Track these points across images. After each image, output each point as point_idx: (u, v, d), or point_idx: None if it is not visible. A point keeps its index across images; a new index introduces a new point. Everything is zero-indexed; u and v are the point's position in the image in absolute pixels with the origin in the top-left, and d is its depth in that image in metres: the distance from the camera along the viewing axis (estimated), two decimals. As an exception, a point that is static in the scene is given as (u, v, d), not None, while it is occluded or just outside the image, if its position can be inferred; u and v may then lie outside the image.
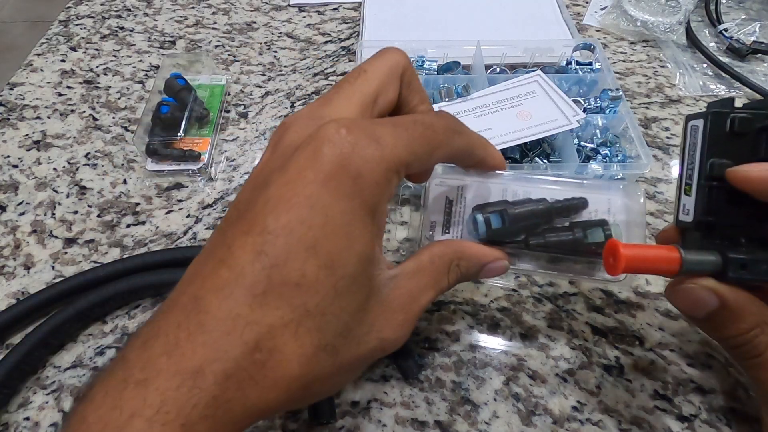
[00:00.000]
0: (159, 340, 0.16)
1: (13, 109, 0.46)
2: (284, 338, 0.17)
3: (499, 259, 0.24)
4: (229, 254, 0.17)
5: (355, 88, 0.21)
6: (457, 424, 0.28)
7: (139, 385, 0.16)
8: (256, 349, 0.16)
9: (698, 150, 0.23)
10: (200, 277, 0.17)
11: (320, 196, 0.17)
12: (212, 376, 0.16)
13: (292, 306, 0.17)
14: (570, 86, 0.44)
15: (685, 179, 0.24)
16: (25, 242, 0.37)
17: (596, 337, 0.32)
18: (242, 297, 0.16)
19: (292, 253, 0.17)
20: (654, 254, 0.22)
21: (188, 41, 0.53)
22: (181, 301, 0.17)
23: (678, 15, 0.52)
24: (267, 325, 0.16)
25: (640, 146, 0.37)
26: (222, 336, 0.16)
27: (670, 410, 0.29)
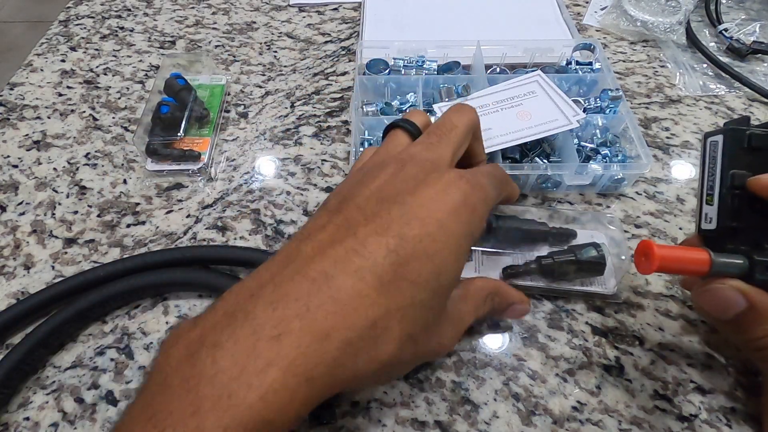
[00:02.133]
0: (290, 304, 0.19)
1: (13, 109, 0.46)
2: (394, 321, 0.20)
3: (524, 302, 0.29)
4: (362, 247, 0.20)
5: (450, 138, 0.27)
6: (457, 424, 0.28)
7: (272, 340, 0.18)
8: (374, 326, 0.20)
9: (719, 163, 0.25)
10: (329, 258, 0.20)
11: (447, 221, 0.22)
12: (337, 342, 0.19)
13: (405, 297, 0.20)
14: (570, 86, 0.44)
15: (707, 190, 0.26)
16: (25, 242, 0.37)
17: (596, 337, 0.32)
18: (372, 282, 0.20)
19: (416, 257, 0.21)
20: (685, 255, 0.24)
21: (188, 41, 0.53)
22: (310, 275, 0.20)
23: (678, 15, 0.52)
24: (386, 308, 0.20)
25: (640, 146, 0.37)
26: (351, 310, 0.19)
27: (670, 410, 0.29)
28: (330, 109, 0.46)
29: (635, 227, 0.37)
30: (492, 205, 0.25)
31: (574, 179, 0.37)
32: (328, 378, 0.19)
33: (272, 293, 0.20)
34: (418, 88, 0.42)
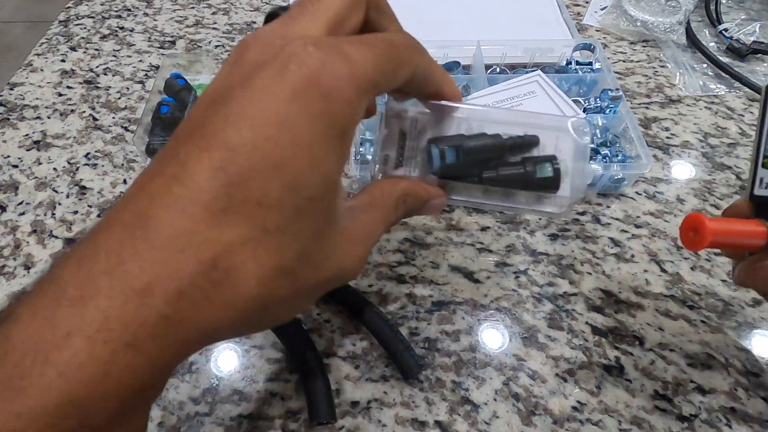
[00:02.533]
0: (98, 258, 0.15)
1: (13, 109, 0.46)
2: (243, 257, 0.16)
3: (439, 196, 0.25)
4: (182, 170, 0.16)
5: (319, 6, 0.20)
6: (457, 424, 0.28)
7: (75, 303, 0.15)
8: (213, 268, 0.16)
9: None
10: (146, 193, 0.16)
11: (288, 114, 0.16)
12: (163, 295, 0.15)
13: (253, 224, 0.16)
14: (570, 86, 0.44)
15: (764, 152, 0.23)
16: (25, 242, 0.37)
17: (596, 337, 0.32)
18: (199, 214, 0.16)
19: (255, 171, 0.16)
20: (740, 228, 0.22)
21: (188, 41, 0.53)
22: (124, 219, 0.16)
23: (678, 15, 0.52)
24: (225, 243, 0.16)
25: (640, 146, 0.37)
26: (175, 253, 0.15)
27: (670, 410, 0.29)
28: (330, 109, 0.46)
29: (635, 227, 0.37)
30: (374, 87, 0.19)
31: (574, 179, 0.37)
32: (162, 340, 0.15)
33: (82, 248, 0.16)
34: (418, 88, 0.42)
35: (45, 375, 0.14)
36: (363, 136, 0.40)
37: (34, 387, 0.14)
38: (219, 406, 0.29)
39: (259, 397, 0.29)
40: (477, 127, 0.27)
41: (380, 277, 0.34)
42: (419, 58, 0.21)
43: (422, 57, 0.22)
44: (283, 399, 0.29)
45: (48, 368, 0.14)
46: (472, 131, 0.27)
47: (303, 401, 0.29)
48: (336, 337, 0.32)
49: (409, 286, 0.34)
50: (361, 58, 0.18)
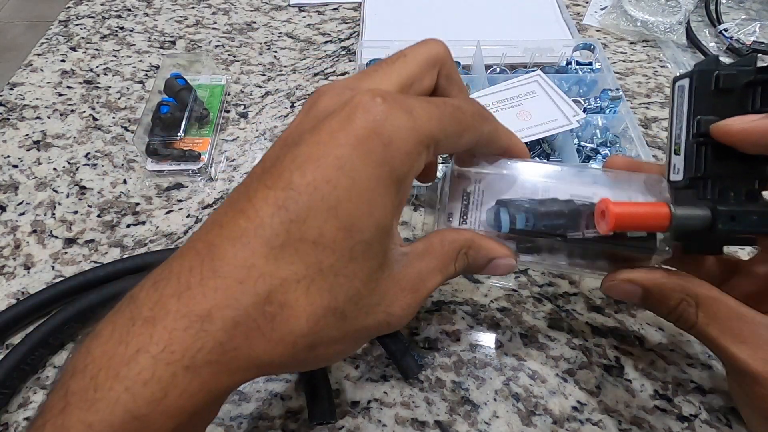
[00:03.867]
0: (170, 282, 0.16)
1: (13, 109, 0.46)
2: (296, 294, 0.17)
3: (508, 256, 0.24)
4: (249, 206, 0.17)
5: (393, 68, 0.21)
6: (457, 424, 0.28)
7: (146, 323, 0.16)
8: (267, 301, 0.16)
9: (685, 109, 0.23)
10: (218, 225, 0.17)
11: (350, 158, 0.17)
12: (221, 322, 0.16)
13: (307, 263, 0.17)
14: (570, 86, 0.44)
15: (674, 139, 0.24)
16: (25, 242, 0.37)
17: (596, 337, 0.32)
18: (259, 248, 0.16)
19: (313, 211, 0.17)
20: (644, 210, 0.22)
21: (188, 41, 0.53)
22: (197, 247, 0.17)
23: (678, 15, 0.52)
24: (280, 279, 0.17)
25: (640, 146, 0.37)
26: (234, 284, 0.16)
27: (670, 410, 0.29)
28: (330, 109, 0.46)
29: (635, 227, 0.37)
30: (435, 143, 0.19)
31: (574, 179, 0.37)
32: (217, 366, 0.16)
33: (159, 271, 0.17)
34: (418, 88, 0.42)
35: (114, 389, 0.15)
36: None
37: (104, 400, 0.15)
38: (219, 406, 0.29)
39: (259, 397, 0.29)
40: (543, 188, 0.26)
41: (380, 277, 0.34)
42: (485, 125, 0.22)
43: (488, 124, 0.23)
44: (283, 399, 0.29)
45: (117, 383, 0.15)
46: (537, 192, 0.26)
47: (303, 401, 0.29)
48: (336, 337, 0.32)
49: (409, 286, 0.34)
50: (425, 115, 0.19)
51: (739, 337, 0.21)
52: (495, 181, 0.27)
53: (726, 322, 0.22)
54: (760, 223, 0.22)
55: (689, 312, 0.23)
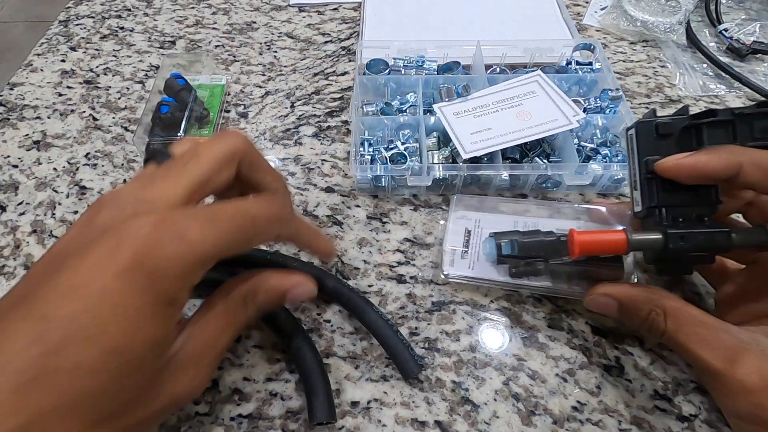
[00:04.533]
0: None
1: (13, 109, 0.46)
2: (54, 422, 0.17)
3: (301, 283, 0.25)
4: (3, 338, 0.17)
5: (184, 171, 0.21)
6: (457, 424, 0.28)
7: None
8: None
9: (635, 152, 0.28)
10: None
11: (112, 288, 0.18)
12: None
13: (63, 391, 0.17)
14: (570, 86, 0.44)
15: (632, 178, 0.28)
16: (25, 242, 0.37)
17: (596, 337, 0.32)
18: (7, 384, 0.16)
19: (70, 340, 0.17)
20: (604, 238, 0.26)
21: (188, 41, 0.53)
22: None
23: (678, 15, 0.52)
24: (35, 413, 0.16)
25: (640, 146, 0.37)
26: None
27: (670, 410, 0.29)
28: (330, 109, 0.46)
29: (635, 227, 0.37)
30: (211, 260, 0.20)
31: (574, 179, 0.37)
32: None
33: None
34: (418, 88, 0.42)
35: None
36: (363, 136, 0.40)
37: None
38: (219, 406, 0.29)
39: (259, 397, 0.29)
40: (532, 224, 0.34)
41: (380, 277, 0.34)
42: (282, 229, 0.23)
43: (286, 228, 0.24)
44: (283, 399, 0.29)
45: None
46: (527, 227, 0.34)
47: (303, 401, 0.29)
48: (336, 337, 0.32)
49: (409, 286, 0.34)
50: (200, 237, 0.19)
51: (703, 341, 0.24)
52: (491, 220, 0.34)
53: (691, 329, 0.25)
54: (706, 241, 0.26)
55: (658, 321, 0.26)
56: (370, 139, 0.40)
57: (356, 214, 0.38)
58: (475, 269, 0.33)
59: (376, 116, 0.41)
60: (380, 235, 0.37)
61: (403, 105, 0.43)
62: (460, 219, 0.35)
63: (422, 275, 0.35)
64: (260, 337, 0.32)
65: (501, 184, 0.39)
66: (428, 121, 0.40)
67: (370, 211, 0.38)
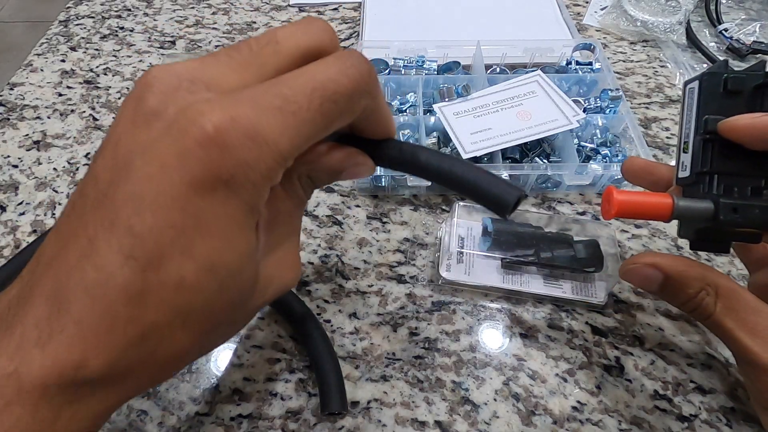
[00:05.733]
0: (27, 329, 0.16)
1: (13, 109, 0.46)
2: (170, 331, 0.17)
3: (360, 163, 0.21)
4: (93, 251, 0.16)
5: (257, 58, 0.17)
6: (457, 424, 0.28)
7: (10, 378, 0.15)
8: (143, 341, 0.16)
9: (694, 109, 0.24)
10: (62, 267, 0.16)
11: (189, 201, 0.15)
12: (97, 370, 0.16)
13: (174, 307, 0.16)
14: (570, 86, 0.44)
15: (683, 138, 0.25)
16: (25, 242, 0.37)
17: (596, 337, 0.32)
18: (117, 296, 0.15)
19: (165, 258, 0.16)
20: (647, 200, 0.23)
21: (188, 41, 0.53)
22: (46, 290, 0.16)
23: (678, 15, 0.52)
24: (150, 323, 0.16)
25: (640, 146, 0.37)
26: (103, 332, 0.16)
27: (670, 410, 0.29)
28: (330, 109, 0.46)
29: (635, 227, 0.37)
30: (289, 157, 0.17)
31: (574, 179, 0.37)
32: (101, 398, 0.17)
33: (13, 315, 0.16)
34: (418, 88, 0.42)
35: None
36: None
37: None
38: (219, 406, 0.29)
39: (259, 397, 0.29)
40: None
41: (380, 277, 0.34)
42: (365, 102, 0.18)
43: (370, 101, 0.18)
44: (283, 399, 0.29)
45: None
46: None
47: (303, 401, 0.29)
48: (336, 337, 0.32)
49: (409, 286, 0.34)
50: (276, 135, 0.16)
51: (754, 330, 0.22)
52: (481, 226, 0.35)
53: (743, 315, 0.23)
54: (762, 216, 0.22)
55: (708, 302, 0.24)
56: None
57: (356, 214, 0.38)
58: (471, 275, 0.33)
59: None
60: (380, 235, 0.37)
61: (403, 105, 0.43)
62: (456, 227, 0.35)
63: (422, 275, 0.35)
64: (260, 337, 0.32)
65: (501, 184, 0.38)
66: (428, 121, 0.40)
67: (370, 211, 0.38)
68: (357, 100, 0.17)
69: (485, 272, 0.33)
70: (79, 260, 0.16)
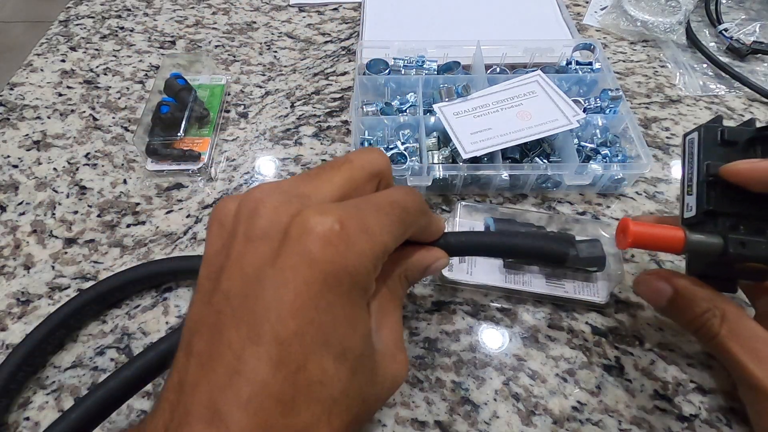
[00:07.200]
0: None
1: (13, 109, 0.46)
2: (317, 428, 0.17)
3: (439, 258, 0.25)
4: (241, 364, 0.17)
5: (338, 172, 0.21)
6: (457, 424, 0.28)
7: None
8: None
9: (695, 157, 0.27)
10: (213, 386, 0.17)
11: (323, 296, 0.17)
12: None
13: (321, 401, 0.17)
14: (570, 86, 0.44)
15: (687, 183, 0.27)
16: (25, 242, 0.37)
17: (596, 337, 0.32)
18: (272, 407, 0.16)
19: (309, 355, 0.17)
20: (660, 232, 0.25)
21: (188, 41, 0.53)
22: (200, 413, 0.16)
23: (678, 15, 0.52)
24: (303, 427, 0.17)
25: (640, 146, 0.37)
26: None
27: (670, 410, 0.29)
28: (330, 109, 0.46)
29: (635, 227, 0.37)
30: (388, 252, 0.20)
31: (574, 179, 0.37)
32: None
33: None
34: (418, 88, 0.42)
35: None
36: (363, 136, 0.40)
37: None
38: (219, 406, 0.29)
39: (259, 397, 0.29)
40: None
41: (380, 277, 0.34)
42: (424, 219, 0.23)
43: (426, 218, 0.23)
44: (283, 399, 0.29)
45: None
46: None
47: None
48: (336, 337, 0.32)
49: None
50: (380, 229, 0.19)
51: (759, 357, 0.23)
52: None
53: (747, 341, 0.24)
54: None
55: (713, 323, 0.25)
56: (370, 139, 0.40)
57: (356, 214, 0.38)
58: (474, 274, 0.33)
59: (376, 116, 0.41)
60: (380, 235, 0.37)
61: (403, 105, 0.43)
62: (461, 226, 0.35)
63: (422, 275, 0.35)
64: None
65: (501, 184, 0.39)
66: (428, 121, 0.40)
67: (370, 211, 0.38)
68: (420, 215, 0.22)
69: (487, 272, 0.33)
70: (231, 377, 0.16)
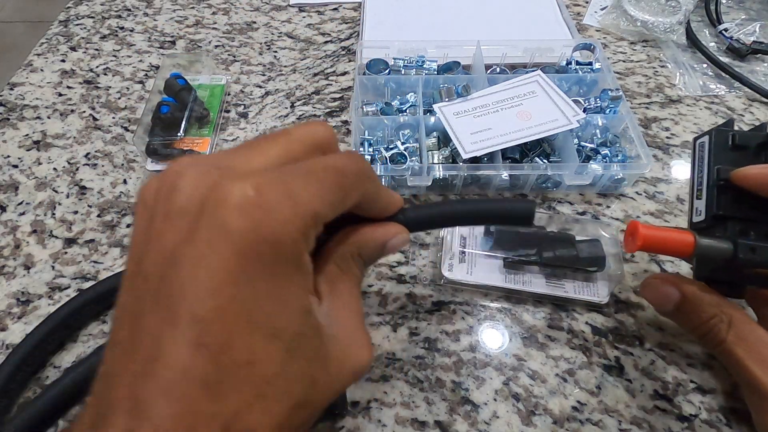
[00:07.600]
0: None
1: (13, 109, 0.46)
2: (254, 416, 0.16)
3: (398, 233, 0.23)
4: (159, 351, 0.15)
5: (274, 144, 0.19)
6: (457, 424, 0.28)
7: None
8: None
9: (706, 161, 0.27)
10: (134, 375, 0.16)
11: (242, 270, 0.16)
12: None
13: (252, 384, 0.16)
14: (570, 86, 0.44)
15: (696, 187, 0.27)
16: (25, 242, 0.37)
17: (596, 337, 0.32)
18: (195, 393, 0.15)
19: (233, 335, 0.16)
20: (670, 236, 0.24)
21: (188, 41, 0.53)
22: (119, 403, 0.15)
23: (678, 15, 0.52)
24: (232, 412, 0.16)
25: (640, 146, 0.37)
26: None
27: (670, 410, 0.29)
28: (330, 109, 0.46)
29: (635, 227, 0.37)
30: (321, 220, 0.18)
31: (574, 179, 0.37)
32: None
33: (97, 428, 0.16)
34: (418, 88, 0.42)
35: None
36: (363, 136, 0.40)
37: None
38: (219, 406, 0.29)
39: (259, 397, 0.29)
40: None
41: (380, 277, 0.34)
42: (369, 185, 0.21)
43: (372, 183, 0.21)
44: (283, 399, 0.29)
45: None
46: None
47: (303, 401, 0.29)
48: (336, 337, 0.32)
49: (409, 286, 0.34)
50: (307, 195, 0.17)
51: (765, 363, 0.23)
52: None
53: (754, 346, 0.24)
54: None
55: (720, 328, 0.25)
56: (370, 139, 0.40)
57: (356, 214, 0.38)
58: (474, 274, 0.33)
59: (376, 116, 0.41)
60: (380, 235, 0.37)
61: (403, 105, 0.43)
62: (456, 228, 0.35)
63: (422, 275, 0.35)
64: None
65: (501, 184, 0.39)
66: (428, 121, 0.40)
67: (370, 211, 0.38)
68: (362, 179, 0.20)
69: (487, 272, 0.33)
70: (150, 363, 0.15)
